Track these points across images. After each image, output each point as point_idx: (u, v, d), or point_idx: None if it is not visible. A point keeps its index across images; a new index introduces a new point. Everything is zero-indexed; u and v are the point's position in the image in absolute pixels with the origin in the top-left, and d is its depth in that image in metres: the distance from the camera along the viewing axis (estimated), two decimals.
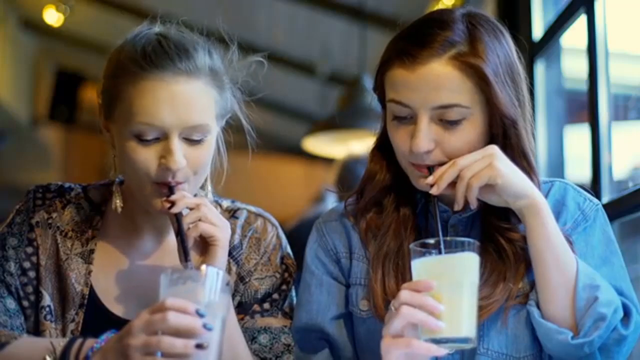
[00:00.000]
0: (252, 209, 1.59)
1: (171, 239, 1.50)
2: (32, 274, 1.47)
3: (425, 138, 1.32)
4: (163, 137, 1.36)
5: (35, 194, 1.52)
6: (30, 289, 1.46)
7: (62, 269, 1.46)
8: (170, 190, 1.37)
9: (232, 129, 1.56)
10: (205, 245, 1.38)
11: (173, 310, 1.15)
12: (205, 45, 1.43)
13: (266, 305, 1.52)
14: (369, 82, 4.19)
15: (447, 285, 1.20)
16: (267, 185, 7.49)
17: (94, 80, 7.59)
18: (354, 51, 4.65)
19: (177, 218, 1.36)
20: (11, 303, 1.44)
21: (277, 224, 1.60)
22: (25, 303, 1.45)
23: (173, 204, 1.36)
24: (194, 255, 1.37)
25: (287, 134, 7.40)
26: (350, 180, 3.46)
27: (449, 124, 1.32)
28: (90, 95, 7.91)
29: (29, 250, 1.48)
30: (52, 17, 5.39)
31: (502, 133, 1.35)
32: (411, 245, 1.24)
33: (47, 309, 1.44)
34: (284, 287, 1.55)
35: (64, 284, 1.46)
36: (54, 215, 1.50)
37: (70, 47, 6.99)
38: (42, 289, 1.45)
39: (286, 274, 1.55)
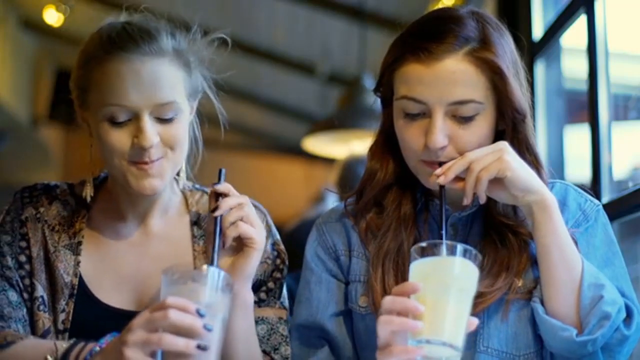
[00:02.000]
0: None
1: (154, 223, 1.53)
2: (27, 267, 1.49)
3: (441, 133, 1.32)
4: (134, 118, 1.39)
5: (22, 193, 1.55)
6: (27, 281, 1.48)
7: (51, 260, 1.49)
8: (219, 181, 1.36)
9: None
10: (239, 245, 1.37)
11: (174, 308, 1.16)
12: (167, 28, 1.47)
13: (262, 295, 1.53)
14: (369, 82, 4.18)
15: (433, 288, 1.17)
16: (266, 186, 7.49)
17: None
18: (354, 51, 4.65)
19: (216, 219, 1.34)
20: (13, 295, 1.46)
21: (266, 211, 1.59)
22: (25, 295, 1.47)
23: (216, 207, 1.34)
24: (224, 257, 1.36)
25: (287, 134, 7.40)
26: (351, 180, 3.46)
27: (463, 120, 1.33)
28: None
29: (23, 244, 1.50)
30: (52, 17, 5.38)
31: (512, 127, 1.37)
32: (411, 249, 1.23)
33: (40, 299, 1.46)
34: (277, 274, 1.55)
35: (53, 275, 1.48)
36: (42, 210, 1.53)
37: (70, 47, 6.98)
38: (35, 280, 1.47)
39: (278, 260, 1.56)
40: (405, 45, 1.36)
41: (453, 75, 1.31)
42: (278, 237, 1.59)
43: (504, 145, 1.32)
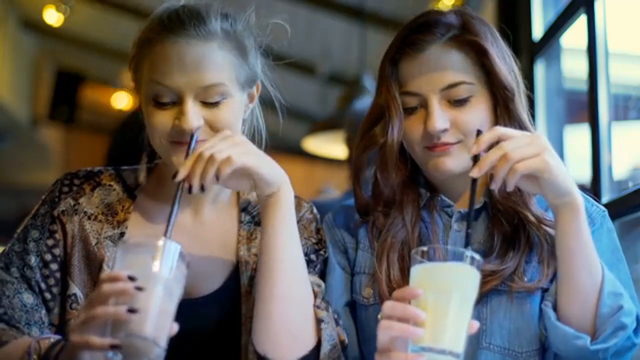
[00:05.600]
0: None
1: (206, 211, 1.51)
2: (54, 266, 1.45)
3: (439, 117, 1.37)
4: (179, 101, 1.39)
5: (62, 181, 1.52)
6: (52, 281, 1.44)
7: (92, 253, 1.45)
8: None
9: None
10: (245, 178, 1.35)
11: (106, 282, 1.14)
12: (219, 10, 1.45)
13: None
14: (369, 82, 4.18)
15: (434, 294, 1.15)
16: None
17: (94, 80, 7.61)
18: (354, 51, 4.65)
19: (177, 185, 1.30)
20: (29, 298, 1.42)
21: (311, 204, 1.60)
22: (48, 295, 1.44)
23: (176, 173, 1.30)
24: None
25: (287, 134, 7.39)
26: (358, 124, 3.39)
27: (459, 103, 1.38)
28: (91, 95, 7.92)
29: (50, 242, 1.46)
30: (52, 17, 5.39)
31: (504, 105, 1.41)
32: (412, 252, 1.22)
33: (73, 297, 1.43)
34: (321, 251, 1.53)
35: (94, 270, 1.44)
36: (81, 200, 1.49)
37: (70, 47, 6.99)
38: (69, 277, 1.44)
39: (321, 244, 1.54)
40: (394, 49, 1.43)
41: (439, 62, 1.38)
42: (322, 226, 1.58)
43: (544, 141, 1.28)
